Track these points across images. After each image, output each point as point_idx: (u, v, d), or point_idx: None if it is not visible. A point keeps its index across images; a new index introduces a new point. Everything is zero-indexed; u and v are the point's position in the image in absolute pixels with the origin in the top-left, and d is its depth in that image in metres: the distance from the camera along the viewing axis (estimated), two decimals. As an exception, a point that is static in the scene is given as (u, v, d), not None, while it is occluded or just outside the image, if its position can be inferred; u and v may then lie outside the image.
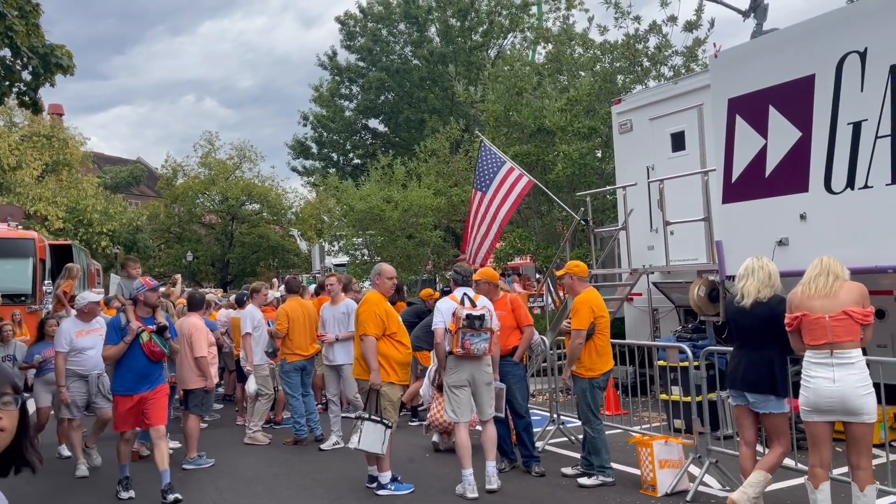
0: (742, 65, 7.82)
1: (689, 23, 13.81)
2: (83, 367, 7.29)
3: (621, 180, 10.88)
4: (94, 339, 7.20)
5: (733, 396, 5.24)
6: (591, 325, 6.19)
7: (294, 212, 43.51)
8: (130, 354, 6.26)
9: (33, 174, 30.77)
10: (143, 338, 6.22)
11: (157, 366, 6.43)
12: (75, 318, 7.45)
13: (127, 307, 6.49)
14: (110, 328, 6.36)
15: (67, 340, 7.18)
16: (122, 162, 54.11)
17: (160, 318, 6.48)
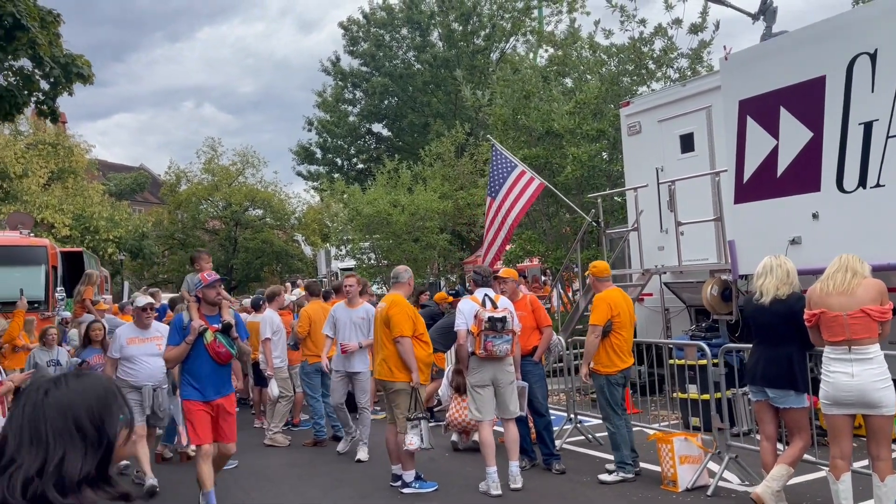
0: (752, 67, 7.95)
1: (695, 25, 13.94)
2: (135, 378, 6.80)
3: (630, 182, 11.00)
4: (148, 348, 6.80)
5: (753, 392, 5.36)
6: (609, 322, 6.32)
7: (297, 217, 43.65)
8: (194, 357, 5.73)
9: (39, 182, 30.92)
10: (207, 337, 5.64)
11: (224, 369, 5.83)
12: (133, 324, 7.05)
13: (190, 304, 5.96)
14: (172, 328, 5.84)
15: (118, 347, 6.80)
16: (125, 169, 54.29)
17: (226, 315, 5.87)
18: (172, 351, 5.77)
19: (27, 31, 7.20)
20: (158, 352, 6.61)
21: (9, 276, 15.23)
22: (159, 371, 6.82)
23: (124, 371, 6.80)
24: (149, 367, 6.77)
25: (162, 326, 7.04)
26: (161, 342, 6.58)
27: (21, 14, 7.09)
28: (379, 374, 6.61)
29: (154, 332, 6.91)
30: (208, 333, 5.67)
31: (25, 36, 7.29)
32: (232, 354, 5.74)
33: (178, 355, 5.74)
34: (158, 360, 6.64)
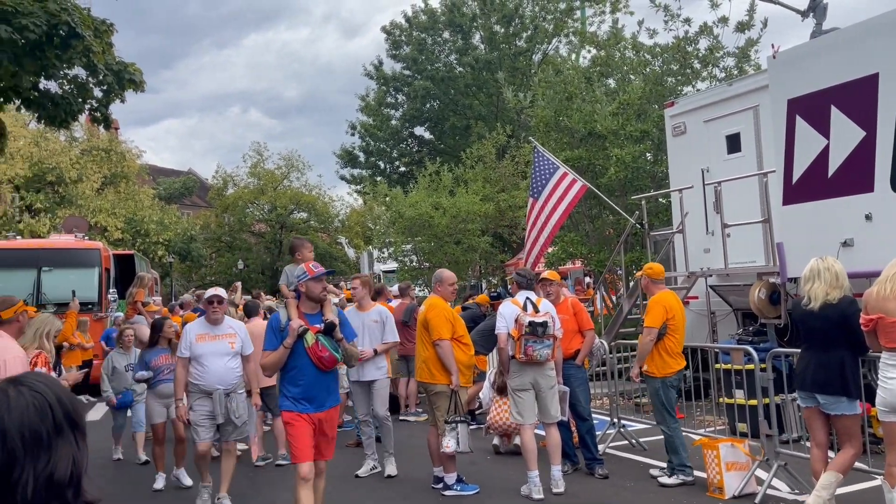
0: (801, 65, 7.76)
1: (741, 24, 13.67)
2: (204, 381, 6.02)
3: (675, 183, 10.83)
4: (220, 347, 6.05)
5: (803, 398, 5.22)
6: (664, 324, 6.25)
7: (341, 219, 44.16)
8: (293, 363, 4.88)
9: (93, 187, 31.90)
10: (308, 340, 4.81)
11: (329, 377, 4.98)
12: (203, 319, 6.30)
13: (289, 301, 5.15)
14: (268, 329, 5.00)
15: (186, 344, 6.07)
16: (174, 173, 55.61)
17: (329, 313, 5.01)
18: (269, 357, 4.90)
19: (82, 40, 7.44)
20: (231, 351, 6.04)
21: (64, 278, 15.78)
22: (233, 373, 6.09)
23: (193, 373, 6.06)
24: (220, 369, 6.02)
25: (236, 323, 6.41)
26: (234, 340, 6.07)
27: (76, 23, 7.33)
28: (420, 377, 6.65)
29: (226, 329, 6.15)
30: (309, 335, 4.82)
31: (80, 44, 7.53)
32: (337, 359, 4.87)
33: (276, 361, 4.88)
34: (231, 362, 6.06)
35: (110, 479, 7.80)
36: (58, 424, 1.35)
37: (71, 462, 1.35)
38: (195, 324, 6.33)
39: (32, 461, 1.33)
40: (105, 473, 8.08)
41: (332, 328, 4.89)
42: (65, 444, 1.35)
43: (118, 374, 7.97)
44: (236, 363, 6.11)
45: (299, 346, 4.82)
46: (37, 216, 29.55)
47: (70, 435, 1.37)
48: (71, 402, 1.40)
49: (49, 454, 1.33)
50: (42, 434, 1.34)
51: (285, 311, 5.01)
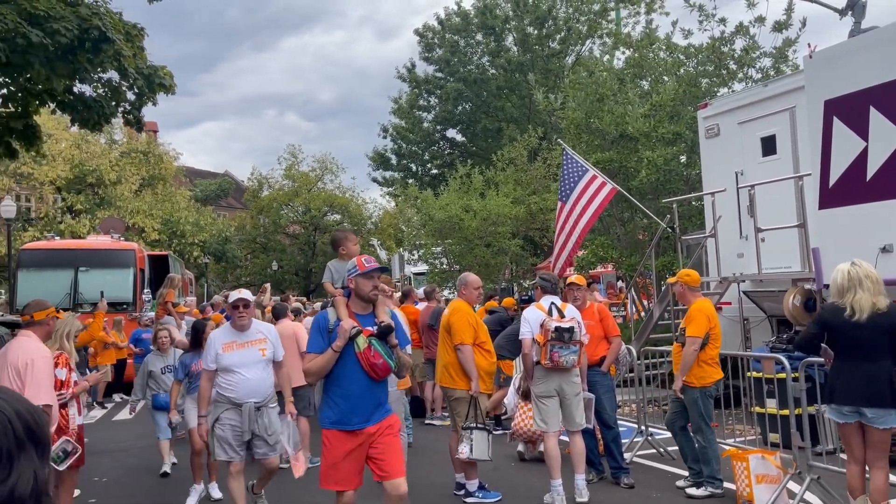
0: (839, 65, 7.52)
1: (779, 23, 13.35)
2: (234, 393, 5.43)
3: (708, 186, 10.61)
4: (249, 355, 5.47)
5: (845, 413, 4.92)
6: (706, 334, 6.09)
7: (374, 222, 44.39)
8: (341, 369, 4.25)
9: (131, 188, 32.53)
10: (359, 344, 4.20)
11: (380, 387, 4.36)
12: (229, 325, 5.73)
13: (337, 299, 4.49)
14: (314, 329, 4.39)
15: (212, 355, 5.46)
16: (210, 175, 56.48)
17: (382, 314, 4.38)
18: (315, 361, 4.24)
19: (112, 44, 7.54)
20: (262, 359, 5.48)
21: (100, 278, 16.09)
22: (265, 384, 5.52)
23: (222, 385, 5.48)
24: (251, 380, 5.43)
25: (265, 326, 5.87)
26: (264, 346, 5.52)
27: (106, 27, 7.43)
28: (441, 381, 6.59)
29: (255, 335, 5.57)
30: (361, 339, 4.19)
31: (111, 48, 7.63)
32: (391, 367, 4.24)
33: (322, 366, 4.23)
34: (263, 371, 5.50)
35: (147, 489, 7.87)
36: (19, 440, 1.30)
37: (32, 478, 1.30)
38: (221, 331, 5.69)
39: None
40: (138, 482, 8.13)
41: (387, 332, 4.24)
42: (26, 460, 1.30)
43: (154, 377, 7.70)
44: (268, 372, 5.56)
45: (349, 350, 4.20)
46: (77, 217, 30.25)
47: (31, 450, 1.32)
48: (32, 415, 1.36)
49: (9, 471, 1.27)
50: (2, 451, 1.28)
51: (333, 311, 4.37)
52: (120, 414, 12.74)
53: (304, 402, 7.78)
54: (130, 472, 8.21)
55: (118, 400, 14.19)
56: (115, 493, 7.30)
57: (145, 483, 7.66)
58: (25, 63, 7.23)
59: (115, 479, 7.89)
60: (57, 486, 5.57)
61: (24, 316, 5.19)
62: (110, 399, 14.20)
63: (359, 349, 4.20)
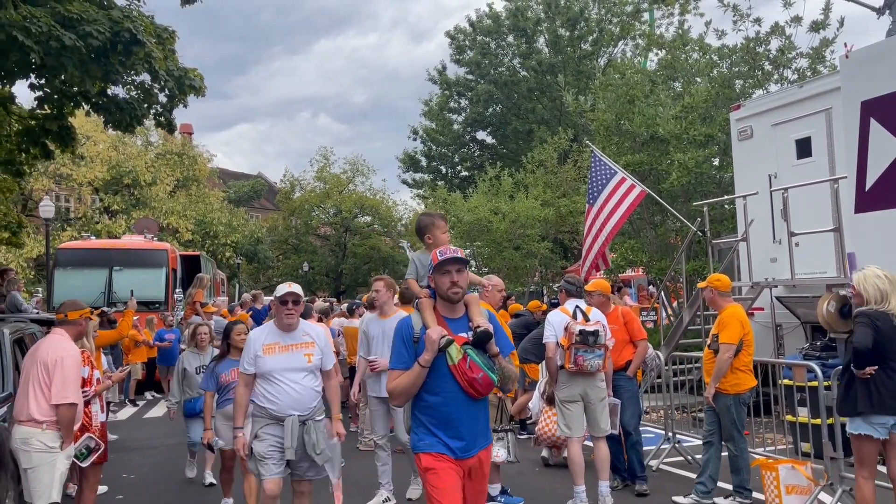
0: (876, 65, 7.31)
1: (816, 23, 13.06)
2: (275, 406, 4.63)
3: (741, 189, 10.41)
4: (293, 360, 4.71)
5: (879, 427, 4.72)
6: (740, 340, 5.95)
7: (404, 224, 44.56)
8: (432, 386, 3.44)
9: (166, 189, 33.11)
10: (452, 355, 3.42)
11: (479, 407, 3.51)
12: (273, 324, 4.91)
13: (421, 302, 3.65)
14: (397, 341, 3.56)
15: (251, 357, 4.72)
16: (244, 177, 57.24)
17: (479, 318, 3.53)
18: (401, 379, 3.45)
19: (143, 46, 7.66)
20: (307, 366, 4.72)
21: (134, 277, 16.37)
22: (311, 394, 4.71)
23: (261, 394, 4.70)
24: (295, 389, 4.65)
25: (314, 328, 5.05)
26: (311, 351, 4.76)
27: (138, 30, 7.55)
28: (464, 384, 6.51)
29: (302, 337, 4.81)
30: (454, 349, 3.41)
31: (142, 51, 7.75)
32: (493, 382, 3.40)
33: (409, 385, 3.43)
34: (308, 380, 4.72)
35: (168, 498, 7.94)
36: None
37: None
38: (262, 331, 4.91)
39: None
40: (161, 487, 8.20)
41: (485, 339, 3.43)
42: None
43: (189, 377, 7.09)
44: (316, 381, 4.79)
45: (440, 363, 3.40)
46: (114, 217, 30.88)
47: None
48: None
49: None
50: None
51: (418, 316, 3.57)
52: (151, 412, 12.93)
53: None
54: (158, 469, 8.31)
55: (149, 398, 14.41)
56: (142, 490, 7.39)
57: (173, 481, 7.74)
58: (59, 65, 7.38)
59: (142, 476, 7.99)
60: (80, 482, 5.65)
61: (59, 314, 5.29)
62: (142, 397, 14.43)
63: (452, 362, 3.40)
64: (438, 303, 3.56)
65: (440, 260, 3.48)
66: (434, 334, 3.38)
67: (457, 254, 3.50)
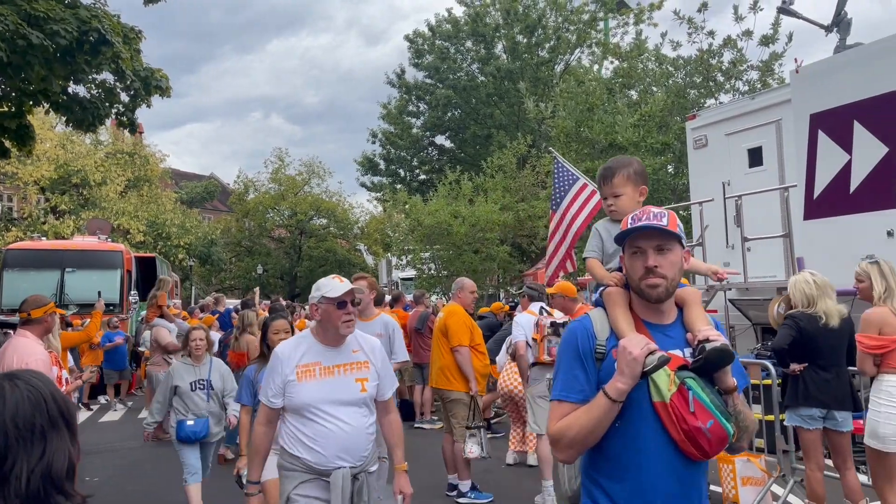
0: (825, 80, 7.73)
1: (766, 37, 13.63)
2: (316, 454, 3.25)
3: (696, 196, 10.80)
4: (342, 388, 3.31)
5: (810, 419, 5.08)
6: None
7: (360, 226, 44.44)
8: (624, 432, 2.07)
9: (117, 190, 32.36)
10: (661, 386, 2.03)
11: (698, 470, 2.14)
12: (309, 333, 3.45)
13: (610, 292, 2.27)
14: (565, 354, 2.23)
15: (278, 384, 3.31)
16: (196, 178, 56.24)
17: (700, 322, 2.19)
18: (576, 420, 2.09)
19: (111, 46, 7.60)
20: (360, 396, 3.31)
21: (87, 279, 16.03)
22: (363, 438, 3.33)
23: (294, 437, 3.29)
24: (344, 431, 3.26)
25: (368, 340, 3.53)
26: (366, 374, 3.36)
27: (106, 30, 7.49)
28: (436, 383, 6.67)
29: (352, 355, 3.39)
30: (663, 376, 2.05)
31: (110, 51, 7.70)
32: (727, 436, 2.03)
33: (590, 431, 2.07)
34: (362, 415, 3.34)
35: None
36: (52, 418, 1.37)
37: (67, 457, 1.37)
38: (294, 345, 3.41)
39: (26, 453, 1.34)
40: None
41: (720, 361, 2.06)
42: (59, 439, 1.37)
43: (182, 394, 5.70)
44: (371, 417, 3.40)
45: (639, 396, 2.06)
46: (61, 218, 30.04)
47: (65, 431, 1.39)
48: (65, 401, 1.44)
49: (43, 446, 1.35)
50: (36, 426, 1.36)
51: (601, 316, 2.23)
52: (107, 416, 12.71)
53: None
54: (121, 472, 8.22)
55: (103, 402, 14.14)
56: (107, 492, 7.31)
57: (137, 484, 7.68)
58: (25, 64, 7.29)
59: (105, 479, 7.90)
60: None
61: (22, 313, 5.06)
62: (95, 401, 14.15)
63: (660, 397, 2.04)
64: (634, 299, 2.19)
65: (627, 229, 2.16)
66: (634, 346, 1.98)
67: (658, 221, 2.11)
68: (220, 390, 5.82)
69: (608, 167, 2.90)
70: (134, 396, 15.11)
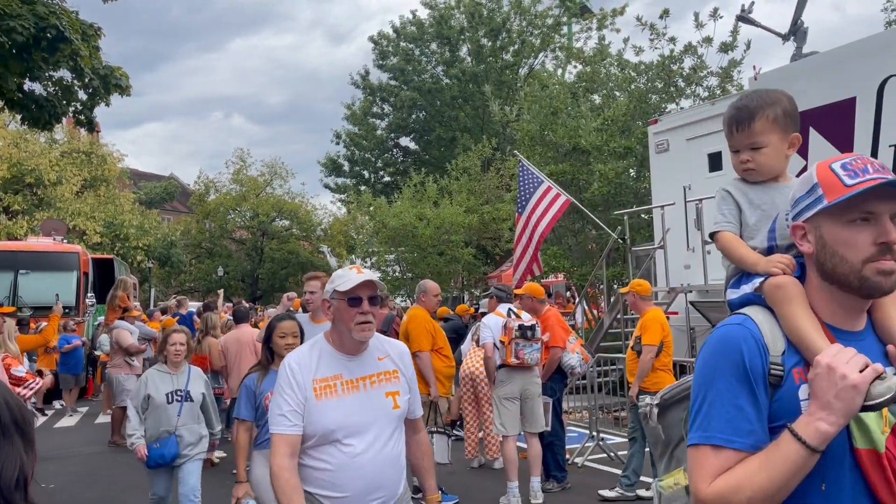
0: (782, 87, 7.88)
1: (725, 44, 13.93)
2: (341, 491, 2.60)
3: (657, 199, 10.98)
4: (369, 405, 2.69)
5: None
6: (661, 342, 6.33)
7: (323, 228, 44.13)
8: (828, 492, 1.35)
9: (73, 190, 31.60)
10: (869, 424, 1.35)
11: None
12: (322, 339, 2.79)
13: (784, 286, 1.54)
14: (724, 374, 1.42)
15: (295, 402, 2.62)
16: (156, 178, 55.25)
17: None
18: (752, 473, 1.34)
19: (69, 44, 7.43)
20: (392, 413, 2.72)
21: (42, 281, 15.62)
22: (398, 469, 2.73)
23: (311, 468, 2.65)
24: (374, 462, 2.65)
25: (393, 345, 2.89)
26: (397, 387, 2.75)
27: (64, 27, 7.32)
28: (402, 387, 6.65)
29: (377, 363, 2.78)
30: (875, 417, 1.36)
31: (68, 48, 7.53)
32: None
33: (779, 488, 1.33)
34: (396, 440, 2.74)
35: None
36: (3, 426, 1.31)
37: (18, 466, 1.31)
38: (306, 354, 2.74)
39: None
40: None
41: None
42: (10, 447, 1.30)
43: (156, 407, 4.84)
44: (402, 441, 2.78)
45: (836, 440, 1.34)
46: (14, 218, 29.22)
47: (17, 439, 1.33)
48: (19, 407, 1.39)
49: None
50: None
51: (768, 321, 1.51)
52: (62, 421, 12.40)
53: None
54: (76, 479, 8.02)
55: (58, 407, 13.79)
56: (64, 500, 7.14)
57: (93, 490, 7.50)
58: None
59: (61, 486, 7.70)
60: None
61: None
62: (50, 406, 13.80)
63: (868, 440, 1.40)
64: (821, 294, 1.53)
65: (865, 188, 1.46)
66: (849, 366, 1.34)
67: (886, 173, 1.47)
68: (199, 402, 5.01)
69: (743, 107, 1.87)
70: (90, 402, 14.77)
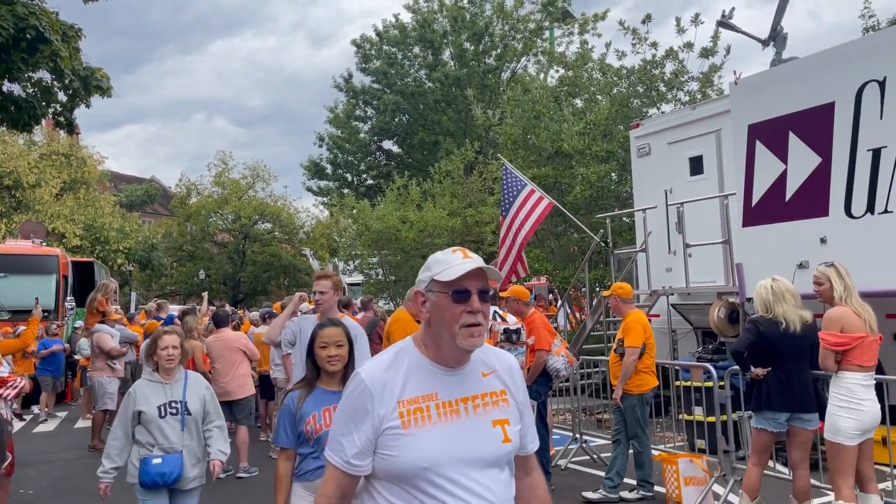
0: (762, 92, 8.02)
1: (706, 49, 14.07)
2: None
3: (639, 203, 11.06)
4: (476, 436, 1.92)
5: (781, 422, 5.20)
6: (643, 343, 6.38)
7: (305, 231, 43.94)
8: None
9: (52, 192, 31.22)
10: None
11: None
12: (411, 344, 2.01)
13: None
14: None
15: (373, 430, 1.89)
16: (136, 181, 54.73)
17: None
18: None
19: (49, 44, 7.36)
20: (505, 449, 1.97)
21: (21, 284, 15.42)
22: None
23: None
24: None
25: (502, 356, 2.14)
26: (506, 414, 2.01)
27: (44, 28, 7.25)
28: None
29: (482, 381, 2.02)
30: None
31: (48, 49, 7.45)
32: None
33: None
34: (506, 479, 1.99)
35: None
36: None
37: None
38: (389, 362, 2.00)
39: None
40: None
41: None
42: None
43: (149, 422, 4.18)
44: (511, 484, 2.03)
45: None
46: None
47: None
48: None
49: None
50: None
51: None
52: (40, 426, 12.24)
53: (245, 411, 7.73)
54: (57, 484, 7.93)
55: (36, 412, 13.60)
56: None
57: (73, 496, 7.41)
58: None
59: (40, 491, 7.61)
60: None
61: None
62: (28, 411, 13.62)
63: None
64: None
65: None
66: None
67: None
68: (200, 415, 4.26)
69: None
70: (69, 406, 14.59)
